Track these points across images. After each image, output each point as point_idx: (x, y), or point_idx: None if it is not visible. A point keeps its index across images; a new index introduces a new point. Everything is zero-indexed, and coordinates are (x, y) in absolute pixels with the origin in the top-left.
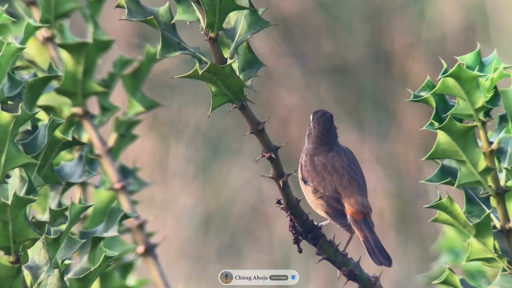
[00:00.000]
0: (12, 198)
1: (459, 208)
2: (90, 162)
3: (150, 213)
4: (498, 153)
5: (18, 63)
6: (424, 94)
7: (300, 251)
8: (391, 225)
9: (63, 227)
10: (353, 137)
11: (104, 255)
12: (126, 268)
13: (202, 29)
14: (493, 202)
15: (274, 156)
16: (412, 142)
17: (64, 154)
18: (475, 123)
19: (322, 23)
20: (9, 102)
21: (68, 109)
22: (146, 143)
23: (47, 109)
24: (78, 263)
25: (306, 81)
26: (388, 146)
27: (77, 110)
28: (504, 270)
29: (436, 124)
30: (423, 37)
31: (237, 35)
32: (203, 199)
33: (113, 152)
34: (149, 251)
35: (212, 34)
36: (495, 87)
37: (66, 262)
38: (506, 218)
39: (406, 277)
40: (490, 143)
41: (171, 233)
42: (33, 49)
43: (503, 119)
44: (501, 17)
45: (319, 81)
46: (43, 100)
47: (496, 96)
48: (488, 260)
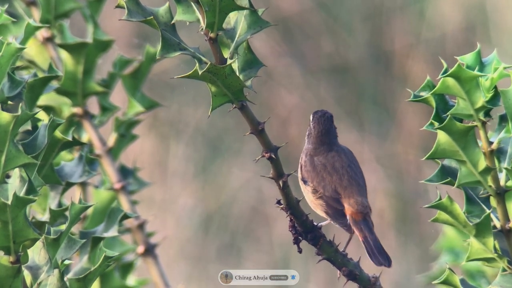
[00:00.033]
0: (12, 198)
1: (459, 208)
2: (90, 162)
3: (150, 213)
4: (498, 153)
5: (18, 63)
6: (424, 94)
7: (300, 251)
8: (391, 225)
9: (63, 227)
10: (353, 137)
11: (104, 255)
12: (126, 268)
13: (202, 29)
14: (493, 202)
15: (274, 156)
16: (412, 142)
17: (64, 154)
18: (475, 123)
19: (322, 23)
20: (9, 102)
21: (68, 109)
22: (146, 143)
23: (47, 109)
24: (78, 263)
25: (306, 81)
26: (388, 146)
27: (77, 110)
28: (504, 270)
29: (436, 124)
30: (423, 37)
31: (237, 35)
32: (203, 199)
33: (113, 152)
34: (149, 251)
35: (212, 34)
36: (495, 87)
37: (66, 262)
38: (506, 218)
39: (406, 277)
40: (490, 143)
41: (171, 233)
42: (33, 49)
43: (503, 119)
44: (501, 17)
45: (319, 81)
46: (43, 100)
47: (496, 96)
48: (488, 260)
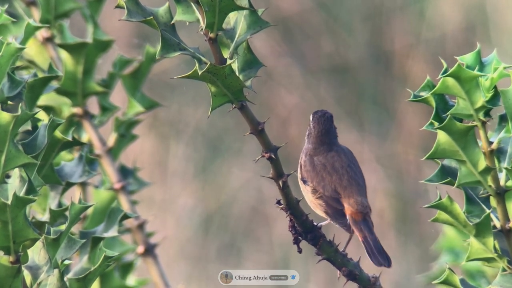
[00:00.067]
0: (12, 198)
1: (459, 208)
2: (90, 162)
3: (150, 213)
4: (498, 153)
5: (18, 63)
6: (424, 94)
7: (300, 251)
8: (391, 225)
9: (63, 227)
10: (353, 137)
11: (104, 255)
12: (126, 268)
13: (202, 30)
14: (493, 202)
15: (274, 157)
16: (412, 142)
17: (64, 154)
18: (475, 123)
19: (322, 23)
20: (9, 102)
21: (68, 109)
22: (146, 143)
23: (47, 109)
24: (78, 263)
25: (306, 81)
26: (388, 146)
27: (77, 110)
28: (504, 270)
29: (436, 124)
30: (423, 37)
31: (237, 36)
32: (203, 199)
33: (113, 152)
34: (149, 251)
35: (212, 35)
36: (495, 87)
37: (66, 262)
38: (506, 218)
39: (406, 277)
40: (490, 143)
41: (171, 233)
42: (33, 49)
43: (503, 119)
44: (501, 17)
45: (319, 81)
46: (43, 100)
47: (496, 96)
48: (488, 260)
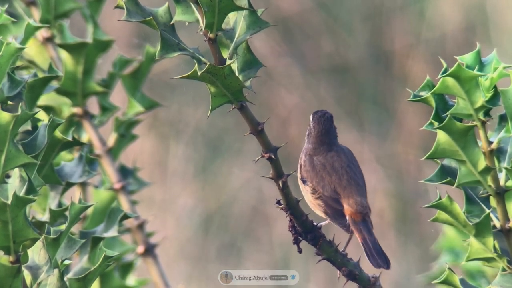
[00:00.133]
0: (12, 198)
1: (459, 208)
2: (90, 162)
3: (150, 213)
4: (498, 153)
5: (18, 63)
6: (424, 94)
7: (300, 251)
8: (391, 225)
9: (63, 227)
10: (353, 137)
11: (104, 255)
12: (126, 268)
13: (201, 30)
14: (493, 202)
15: (274, 157)
16: (412, 142)
17: (64, 154)
18: (475, 123)
19: (322, 23)
20: (9, 102)
21: (68, 109)
22: (146, 143)
23: (47, 109)
24: (78, 263)
25: (306, 81)
26: (388, 146)
27: (77, 110)
28: (504, 270)
29: (436, 124)
30: (423, 37)
31: (236, 36)
32: (203, 199)
33: (113, 152)
34: (149, 251)
35: (211, 35)
36: (495, 87)
37: (66, 262)
38: (506, 218)
39: (406, 277)
40: (490, 143)
41: (171, 233)
42: (33, 49)
43: (503, 119)
44: (501, 17)
45: (319, 81)
46: (43, 100)
47: (496, 96)
48: (488, 260)
